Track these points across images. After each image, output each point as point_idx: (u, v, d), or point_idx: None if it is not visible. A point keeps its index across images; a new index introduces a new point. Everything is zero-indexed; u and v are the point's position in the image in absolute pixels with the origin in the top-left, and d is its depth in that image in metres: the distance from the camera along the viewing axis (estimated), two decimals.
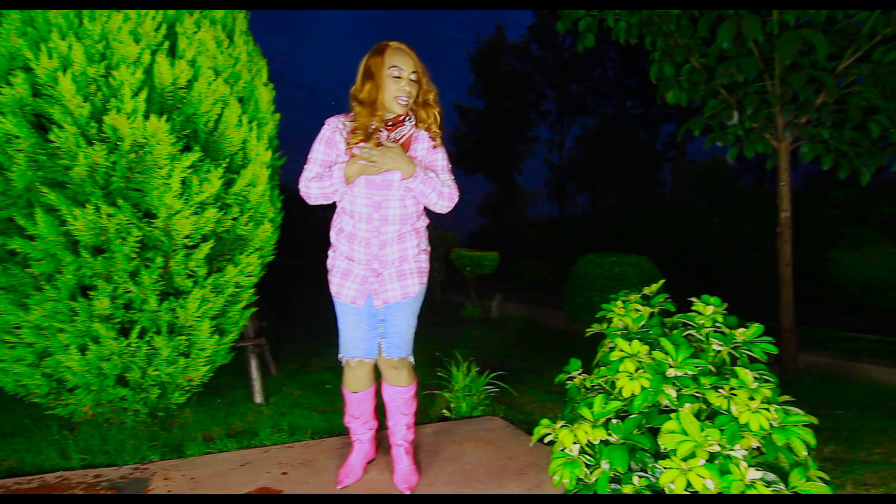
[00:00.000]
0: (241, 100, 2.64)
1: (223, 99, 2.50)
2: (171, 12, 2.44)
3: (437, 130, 1.94)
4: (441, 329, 5.95)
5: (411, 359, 2.02)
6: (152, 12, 2.31)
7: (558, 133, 27.31)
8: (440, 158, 1.95)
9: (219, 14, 2.63)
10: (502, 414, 2.92)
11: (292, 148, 3.09)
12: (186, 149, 2.42)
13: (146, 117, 2.24)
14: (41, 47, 2.13)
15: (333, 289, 1.95)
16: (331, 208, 2.00)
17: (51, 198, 2.15)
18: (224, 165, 2.48)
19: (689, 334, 1.60)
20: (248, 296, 2.79)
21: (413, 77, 1.83)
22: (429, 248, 2.06)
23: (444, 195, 1.89)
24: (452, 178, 1.95)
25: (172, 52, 2.44)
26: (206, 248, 2.44)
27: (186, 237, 2.40)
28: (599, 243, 11.24)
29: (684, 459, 1.22)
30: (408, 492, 1.97)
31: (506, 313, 7.84)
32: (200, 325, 2.50)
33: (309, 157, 1.91)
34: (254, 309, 2.93)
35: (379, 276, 1.91)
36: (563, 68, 25.33)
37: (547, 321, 7.19)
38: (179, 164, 2.30)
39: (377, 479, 2.09)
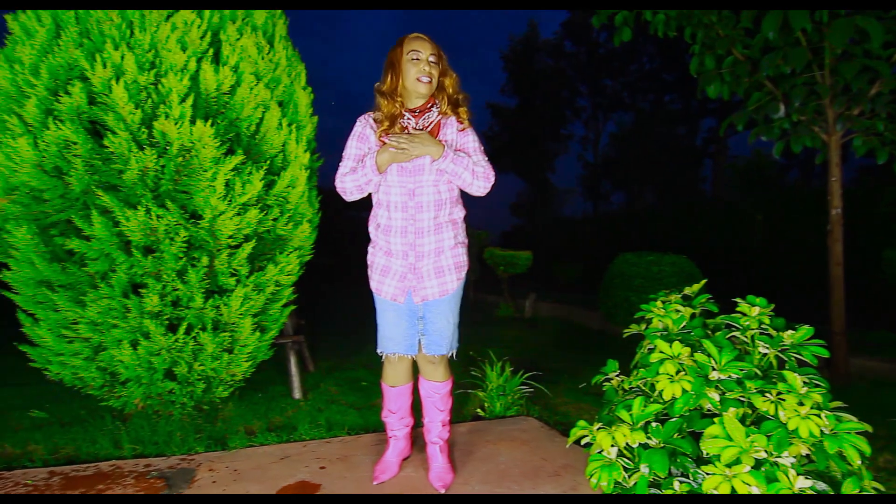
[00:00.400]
0: (280, 104, 2.72)
1: (264, 103, 2.57)
2: (216, 20, 2.53)
3: (462, 113, 1.95)
4: (474, 328, 5.95)
5: (453, 353, 2.03)
6: (198, 20, 2.41)
7: (593, 130, 26.87)
8: (471, 140, 1.95)
9: (260, 20, 2.71)
10: (536, 414, 2.90)
11: (327, 149, 3.16)
12: (230, 152, 2.50)
13: (192, 122, 2.33)
14: (96, 58, 2.25)
15: (373, 285, 1.98)
16: (365, 208, 2.03)
17: (105, 200, 2.27)
18: (265, 168, 2.56)
19: (733, 336, 1.56)
20: (288, 294, 2.86)
21: (432, 59, 1.87)
22: (466, 241, 2.05)
23: (478, 174, 1.88)
24: (486, 159, 1.94)
25: (217, 59, 2.53)
26: (248, 248, 2.53)
27: (230, 237, 2.49)
28: (636, 242, 10.99)
29: (728, 465, 1.18)
30: (443, 490, 1.98)
31: (539, 313, 7.78)
32: (243, 322, 2.58)
33: (343, 153, 1.97)
34: (293, 307, 3.00)
35: (416, 271, 1.92)
36: (598, 64, 24.88)
37: (582, 321, 7.09)
38: (223, 166, 2.38)
39: (412, 476, 2.12)
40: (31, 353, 2.54)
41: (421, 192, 1.89)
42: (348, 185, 1.91)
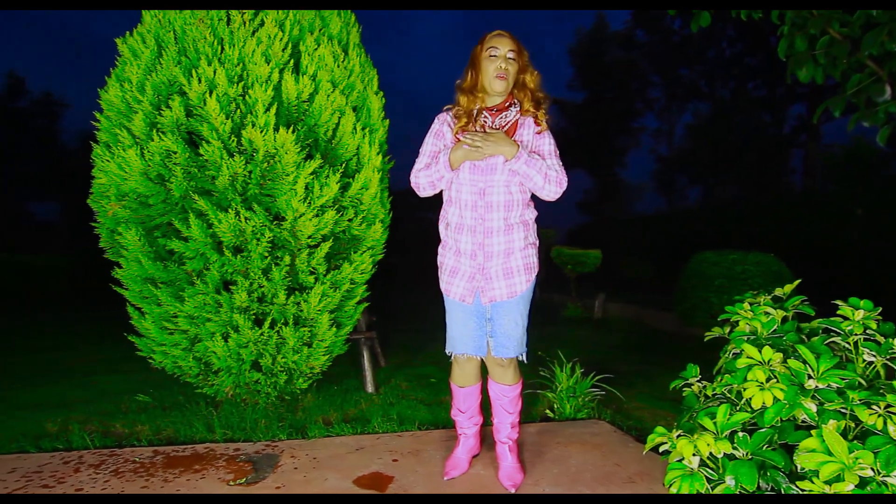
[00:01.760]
0: (354, 109, 2.83)
1: (340, 109, 2.69)
2: (295, 32, 2.68)
3: (541, 115, 1.92)
4: (542, 328, 5.87)
5: (523, 357, 2.00)
6: (280, 34, 2.56)
7: (666, 122, 25.58)
8: (546, 143, 1.93)
9: (335, 29, 2.84)
10: (608, 418, 2.82)
11: (397, 151, 3.25)
12: (308, 157, 2.64)
13: (276, 130, 2.48)
14: (193, 73, 2.46)
15: (442, 286, 2.00)
16: (433, 208, 2.06)
17: (201, 204, 2.48)
18: (341, 171, 2.68)
19: (833, 342, 1.44)
20: (361, 292, 2.98)
21: (510, 55, 1.87)
22: (536, 242, 2.02)
23: (550, 179, 1.85)
24: (560, 163, 1.91)
25: (296, 69, 2.68)
26: (325, 248, 2.66)
27: (309, 237, 2.63)
28: (714, 240, 10.34)
29: (828, 483, 1.10)
30: (513, 490, 1.98)
31: (609, 313, 7.54)
32: (321, 317, 2.72)
33: (420, 149, 2.01)
34: (366, 304, 3.12)
35: (485, 271, 1.91)
36: (673, 53, 23.60)
37: (654, 323, 6.79)
38: (303, 171, 2.52)
39: (482, 474, 2.13)
40: (138, 343, 2.82)
41: (491, 191, 1.88)
42: (422, 180, 1.94)
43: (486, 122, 1.92)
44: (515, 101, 1.94)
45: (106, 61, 2.80)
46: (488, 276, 1.91)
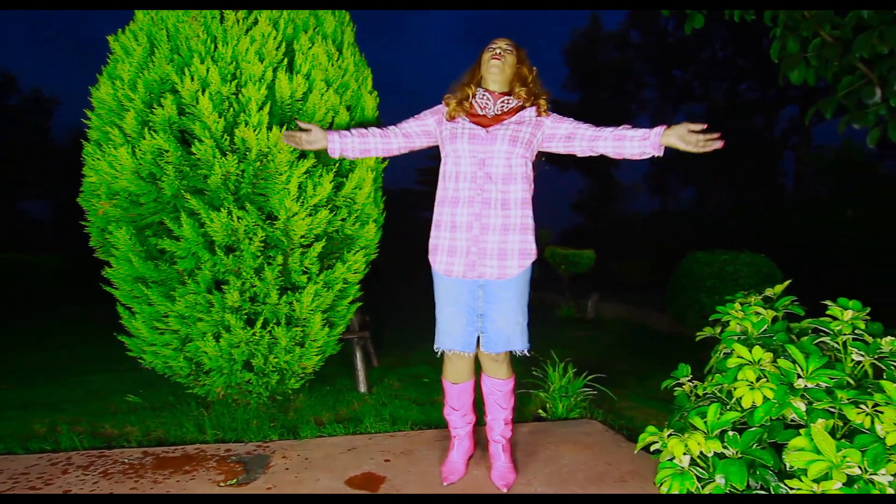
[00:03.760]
0: (348, 108, 2.82)
1: (333, 108, 2.68)
2: (289, 31, 2.66)
3: (543, 103, 2.02)
4: (534, 328, 5.87)
5: (525, 351, 1.98)
6: (273, 32, 2.55)
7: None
8: (564, 118, 2.02)
9: (329, 28, 2.83)
10: (600, 418, 2.83)
11: None
12: (302, 156, 2.63)
13: (269, 129, 2.47)
14: (185, 72, 2.44)
15: (442, 267, 1.96)
16: (425, 208, 2.09)
17: (192, 203, 2.46)
18: (334, 170, 2.67)
19: (822, 342, 1.45)
20: (354, 291, 2.97)
21: (507, 46, 1.98)
22: (533, 226, 1.98)
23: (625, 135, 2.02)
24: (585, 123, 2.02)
25: (290, 68, 2.66)
26: (318, 247, 2.65)
27: (302, 237, 2.62)
28: (707, 240, 10.41)
29: (816, 481, 1.11)
30: (505, 489, 1.98)
31: (602, 314, 7.57)
32: (313, 317, 2.71)
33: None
34: (359, 304, 3.11)
35: (480, 243, 1.91)
36: (667, 54, 23.71)
37: (648, 323, 6.83)
38: (297, 170, 2.51)
39: (474, 473, 2.14)
40: (128, 343, 2.79)
41: (491, 162, 1.91)
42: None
43: (486, 103, 1.98)
44: (514, 90, 2.01)
45: (98, 59, 2.77)
46: (483, 251, 1.91)
